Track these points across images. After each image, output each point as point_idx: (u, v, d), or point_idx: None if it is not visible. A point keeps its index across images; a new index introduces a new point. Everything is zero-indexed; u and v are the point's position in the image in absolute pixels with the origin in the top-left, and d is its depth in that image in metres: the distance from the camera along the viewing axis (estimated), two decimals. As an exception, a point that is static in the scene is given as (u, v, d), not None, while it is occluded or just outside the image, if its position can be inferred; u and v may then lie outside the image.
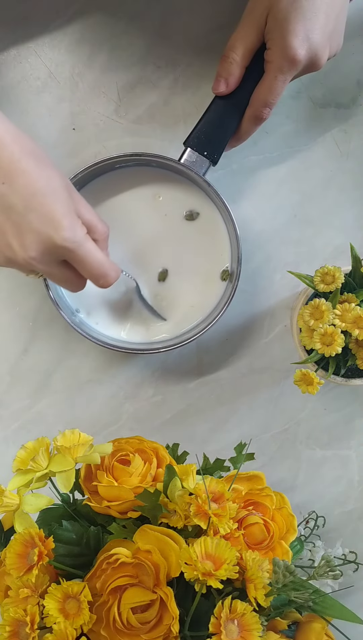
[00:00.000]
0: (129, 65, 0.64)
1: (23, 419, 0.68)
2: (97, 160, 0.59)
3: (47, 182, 0.49)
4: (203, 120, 0.59)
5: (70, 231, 0.49)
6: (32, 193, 0.49)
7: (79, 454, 0.47)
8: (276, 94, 0.56)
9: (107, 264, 0.53)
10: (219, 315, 0.61)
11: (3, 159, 0.48)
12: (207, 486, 0.44)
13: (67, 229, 0.49)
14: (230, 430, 0.69)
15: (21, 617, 0.42)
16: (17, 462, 0.47)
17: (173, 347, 0.61)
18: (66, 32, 0.63)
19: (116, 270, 0.54)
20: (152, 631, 0.43)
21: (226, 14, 0.63)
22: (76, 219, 0.50)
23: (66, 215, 0.49)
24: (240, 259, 0.60)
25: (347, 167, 0.66)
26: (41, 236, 0.49)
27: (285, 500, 0.51)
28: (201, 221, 0.63)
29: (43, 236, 0.49)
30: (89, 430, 0.49)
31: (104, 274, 0.53)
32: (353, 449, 0.69)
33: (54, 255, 0.50)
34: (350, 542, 0.68)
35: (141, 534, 0.45)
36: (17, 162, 0.48)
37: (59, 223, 0.49)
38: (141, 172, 0.62)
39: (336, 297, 0.52)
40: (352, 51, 0.65)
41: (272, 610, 0.46)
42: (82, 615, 0.41)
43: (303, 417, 0.69)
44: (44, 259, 0.50)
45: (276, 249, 0.67)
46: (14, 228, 0.49)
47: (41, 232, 0.49)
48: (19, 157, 0.49)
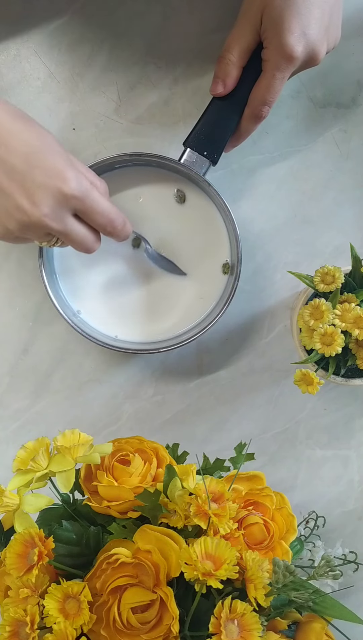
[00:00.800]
0: (129, 65, 0.64)
1: (23, 419, 0.68)
2: (97, 160, 0.59)
3: (42, 139, 0.50)
4: (202, 121, 0.59)
5: (76, 181, 0.50)
6: (30, 151, 0.49)
7: (79, 454, 0.47)
8: (274, 92, 0.56)
9: (115, 209, 0.54)
10: (220, 315, 0.61)
11: None
12: (207, 486, 0.44)
13: (73, 179, 0.50)
14: (230, 430, 0.69)
15: (21, 617, 0.42)
16: (17, 462, 0.47)
17: (173, 347, 0.61)
18: (66, 32, 0.63)
19: (121, 216, 0.55)
20: (152, 631, 0.43)
21: (226, 14, 0.63)
22: (78, 170, 0.51)
23: (68, 166, 0.50)
24: (240, 259, 0.60)
25: (347, 167, 0.66)
26: (50, 189, 0.49)
27: (285, 500, 0.51)
28: (201, 221, 0.63)
29: (52, 189, 0.49)
30: (89, 430, 0.49)
31: (114, 218, 0.54)
32: (353, 449, 0.69)
33: (65, 208, 0.51)
34: (350, 542, 0.68)
35: (141, 534, 0.45)
36: (8, 125, 0.49)
37: (64, 174, 0.49)
38: (141, 172, 0.62)
39: (336, 297, 0.52)
40: (352, 51, 0.65)
41: (272, 610, 0.46)
42: (82, 615, 0.41)
43: (303, 417, 0.69)
44: (56, 213, 0.50)
45: (276, 249, 0.67)
46: (20, 189, 0.49)
47: (49, 186, 0.49)
48: (7, 120, 0.49)
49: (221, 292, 0.63)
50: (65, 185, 0.49)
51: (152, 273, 0.64)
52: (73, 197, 0.50)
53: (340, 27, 0.57)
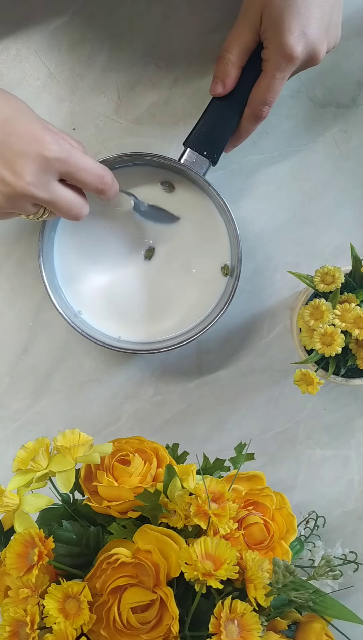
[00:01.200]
0: (129, 65, 0.64)
1: (23, 419, 0.68)
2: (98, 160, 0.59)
3: (13, 105, 0.49)
4: (202, 121, 0.59)
5: (56, 143, 0.49)
6: (3, 119, 0.48)
7: (79, 454, 0.47)
8: (274, 92, 0.56)
9: (99, 166, 0.53)
10: (220, 315, 0.61)
11: None
12: (207, 486, 0.44)
13: (52, 142, 0.48)
14: (230, 430, 0.69)
15: (21, 617, 0.42)
16: (17, 462, 0.47)
17: (173, 347, 0.61)
18: (66, 32, 0.63)
19: (108, 171, 0.53)
20: (152, 631, 0.43)
21: (226, 14, 0.63)
22: (55, 132, 0.50)
23: (45, 130, 0.49)
24: (240, 259, 0.60)
25: (347, 167, 0.66)
26: (31, 156, 0.48)
27: (285, 500, 0.51)
28: (201, 221, 0.63)
29: (32, 155, 0.48)
30: (89, 430, 0.49)
31: (102, 173, 0.52)
32: (353, 449, 0.69)
33: (50, 173, 0.49)
34: (350, 542, 0.68)
35: (141, 534, 0.45)
36: None
37: (43, 138, 0.48)
38: (141, 172, 0.62)
39: (336, 297, 0.52)
40: (352, 51, 0.65)
41: (272, 610, 0.46)
42: (82, 615, 0.41)
43: (303, 417, 0.69)
44: (41, 180, 0.49)
45: (276, 249, 0.67)
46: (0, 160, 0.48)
47: (29, 152, 0.48)
48: None
49: (221, 292, 0.63)
50: (45, 149, 0.48)
51: (153, 273, 0.64)
52: (56, 159, 0.49)
53: (340, 26, 0.57)
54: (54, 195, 0.50)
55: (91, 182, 0.52)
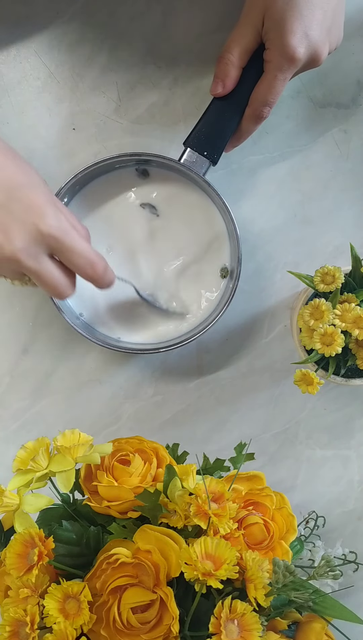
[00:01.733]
0: (129, 65, 0.64)
1: (23, 419, 0.68)
2: (97, 160, 0.59)
3: (27, 176, 0.50)
4: (203, 121, 0.59)
5: (55, 219, 0.49)
6: (13, 186, 0.49)
7: (79, 454, 0.47)
8: (276, 93, 0.56)
9: (94, 253, 0.52)
10: (220, 315, 0.61)
11: None
12: (207, 486, 0.44)
13: (51, 216, 0.49)
14: (230, 430, 0.69)
15: (21, 617, 0.42)
16: (17, 462, 0.47)
17: (173, 347, 0.61)
18: (66, 32, 0.63)
19: (102, 261, 0.53)
20: (152, 631, 0.43)
21: (226, 14, 0.63)
22: (58, 209, 0.50)
23: (49, 204, 0.49)
24: (240, 259, 0.60)
25: (347, 167, 0.66)
26: (26, 225, 0.48)
27: (285, 500, 0.51)
28: (201, 221, 0.63)
29: (28, 225, 0.48)
30: (89, 430, 0.49)
31: (93, 261, 0.51)
32: (353, 449, 0.69)
33: (41, 246, 0.49)
34: (350, 542, 0.68)
35: (141, 534, 0.45)
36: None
37: (43, 211, 0.49)
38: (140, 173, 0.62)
39: (336, 297, 0.52)
40: (352, 51, 0.65)
41: (272, 610, 0.46)
42: (82, 615, 0.41)
43: (303, 417, 0.69)
44: (31, 250, 0.49)
45: (276, 249, 0.67)
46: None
47: (26, 222, 0.48)
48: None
49: (221, 292, 0.63)
50: (42, 221, 0.48)
51: (151, 272, 0.64)
52: (50, 234, 0.49)
53: (342, 28, 0.57)
54: (40, 267, 0.50)
55: (81, 265, 0.51)
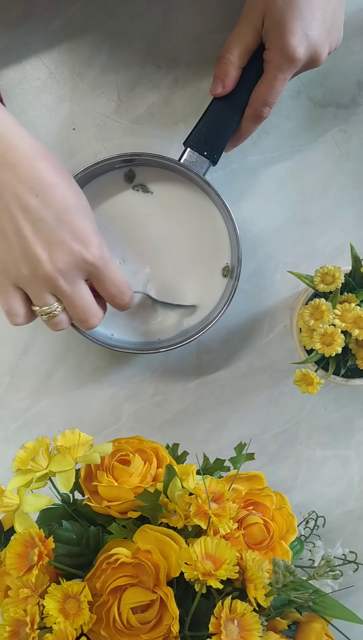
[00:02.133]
0: (129, 65, 0.64)
1: (23, 419, 0.68)
2: (97, 160, 0.59)
3: (78, 199, 0.51)
4: (203, 121, 0.59)
5: (99, 249, 0.51)
6: (64, 207, 0.49)
7: (79, 454, 0.47)
8: (276, 93, 0.56)
9: (126, 283, 0.55)
10: (220, 315, 0.61)
11: (36, 172, 0.48)
12: (207, 486, 0.44)
13: (97, 247, 0.51)
14: (230, 430, 0.69)
15: (21, 617, 0.42)
16: (17, 462, 0.47)
17: (173, 347, 0.61)
18: (66, 32, 0.63)
19: (131, 290, 0.56)
20: (152, 631, 0.43)
21: (226, 14, 0.63)
22: (101, 238, 0.52)
23: (95, 233, 0.51)
24: (240, 259, 0.60)
25: (347, 167, 0.66)
26: (72, 250, 0.49)
27: (285, 500, 0.51)
28: (201, 221, 0.63)
29: (74, 251, 0.49)
30: (89, 430, 0.49)
31: (125, 291, 0.55)
32: (353, 449, 0.69)
33: (81, 272, 0.51)
34: (350, 542, 0.68)
35: (141, 534, 0.45)
36: (50, 176, 0.49)
37: (90, 240, 0.50)
38: (140, 172, 0.62)
39: (336, 297, 0.52)
40: (352, 51, 0.65)
41: (272, 610, 0.46)
42: (82, 615, 0.41)
43: (303, 417, 0.69)
44: (70, 273, 0.50)
45: (276, 249, 0.67)
46: (43, 242, 0.49)
47: (73, 247, 0.49)
48: (52, 171, 0.49)
49: (221, 292, 0.63)
50: (88, 250, 0.50)
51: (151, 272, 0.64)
52: (93, 263, 0.51)
53: (342, 28, 0.57)
54: (75, 290, 0.52)
55: (112, 294, 0.54)
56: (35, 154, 0.49)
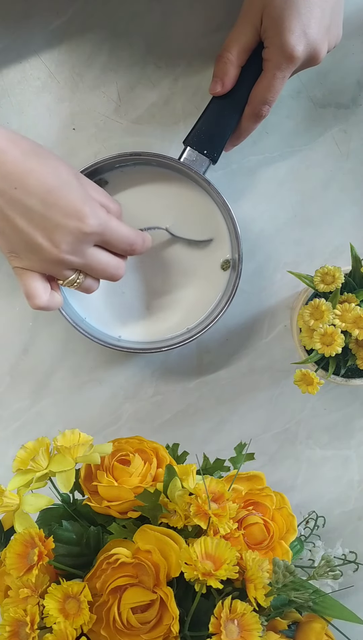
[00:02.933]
0: (129, 65, 0.64)
1: (23, 419, 0.68)
2: (97, 160, 0.59)
3: (56, 175, 0.50)
4: (202, 119, 0.59)
5: (94, 217, 0.51)
6: (46, 190, 0.49)
7: (79, 454, 0.47)
8: (275, 91, 0.56)
9: (133, 231, 0.55)
10: (220, 315, 0.61)
11: (8, 164, 0.48)
12: (207, 486, 0.44)
13: (90, 216, 0.51)
14: (230, 430, 0.69)
15: (21, 617, 0.42)
16: (17, 462, 0.47)
17: (174, 346, 0.61)
18: (66, 32, 0.63)
19: (139, 236, 0.56)
20: (152, 631, 0.43)
21: (226, 14, 0.63)
22: (94, 203, 0.52)
23: (85, 202, 0.51)
24: (241, 258, 0.60)
25: (347, 167, 0.66)
26: (69, 228, 0.50)
27: (285, 500, 0.51)
28: (201, 220, 0.63)
29: (70, 228, 0.50)
30: (89, 430, 0.49)
31: (133, 241, 0.55)
32: (353, 449, 0.69)
33: (86, 243, 0.52)
34: (350, 542, 0.68)
35: (141, 534, 0.45)
36: (21, 165, 0.49)
37: (82, 212, 0.50)
38: (140, 172, 0.62)
39: (336, 297, 0.52)
40: (352, 51, 0.65)
41: (272, 610, 0.46)
42: (82, 615, 0.41)
43: (303, 417, 0.69)
44: (77, 249, 0.51)
45: (276, 249, 0.67)
46: (39, 230, 0.50)
47: (68, 225, 0.50)
48: (22, 160, 0.49)
49: (222, 291, 0.63)
50: (84, 224, 0.50)
51: (152, 272, 0.64)
52: (93, 233, 0.51)
53: (341, 26, 0.57)
54: (88, 259, 0.53)
55: (123, 249, 0.55)
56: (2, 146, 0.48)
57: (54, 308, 0.54)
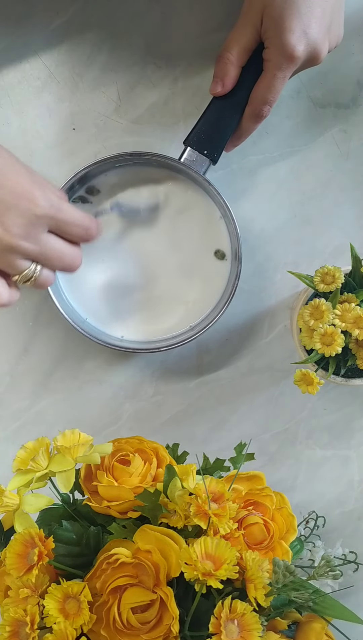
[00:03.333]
0: (129, 65, 0.64)
1: (23, 419, 0.68)
2: (98, 159, 0.59)
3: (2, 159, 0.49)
4: (203, 120, 0.59)
5: (45, 199, 0.48)
6: None
7: (79, 454, 0.47)
8: (275, 91, 0.56)
9: (86, 218, 0.52)
10: (220, 314, 0.61)
11: None
12: (207, 486, 0.44)
13: (41, 197, 0.48)
14: (230, 430, 0.69)
15: (21, 617, 0.42)
16: (17, 462, 0.47)
17: (174, 346, 0.61)
18: (66, 32, 0.63)
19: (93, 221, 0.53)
20: (152, 631, 0.43)
21: (226, 14, 0.63)
22: (44, 185, 0.50)
23: (34, 184, 0.49)
24: (240, 258, 0.60)
25: (347, 167, 0.66)
26: (20, 210, 0.48)
27: (285, 500, 0.51)
28: (201, 220, 0.63)
29: (22, 211, 0.48)
30: (89, 430, 0.49)
31: (88, 225, 0.52)
32: (353, 449, 0.69)
33: (39, 226, 0.49)
34: (350, 542, 0.68)
35: (141, 534, 0.45)
36: None
37: (32, 194, 0.48)
38: (140, 171, 0.62)
39: (336, 297, 0.52)
40: (352, 51, 0.65)
41: (272, 610, 0.46)
42: (82, 615, 0.41)
43: (303, 417, 0.69)
44: (30, 233, 0.48)
45: (276, 249, 0.67)
46: None
47: (18, 207, 0.47)
48: None
49: (222, 291, 0.63)
50: (34, 205, 0.48)
51: (153, 271, 0.64)
52: (45, 215, 0.49)
53: (342, 25, 0.57)
54: (43, 246, 0.50)
55: (77, 234, 0.52)
56: None
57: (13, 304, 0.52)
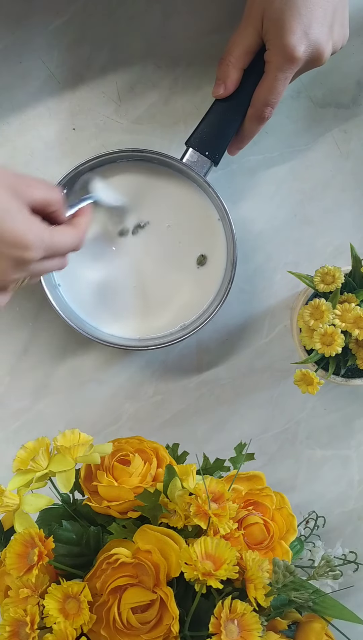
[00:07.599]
0: (129, 65, 0.64)
1: (23, 419, 0.68)
2: (99, 154, 0.59)
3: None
4: (205, 121, 0.59)
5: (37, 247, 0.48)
6: None
7: (79, 454, 0.47)
8: (277, 93, 0.56)
9: (76, 233, 0.52)
10: (216, 311, 0.60)
11: None
12: (207, 486, 0.44)
13: (34, 245, 0.47)
14: (230, 430, 0.69)
15: (21, 617, 0.42)
16: (17, 462, 0.47)
17: (171, 342, 0.61)
18: (66, 32, 0.63)
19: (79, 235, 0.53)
20: (152, 631, 0.43)
21: (227, 14, 0.63)
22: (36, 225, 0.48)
23: (27, 230, 0.47)
24: (234, 262, 0.60)
25: (347, 167, 0.66)
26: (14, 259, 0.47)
27: (285, 500, 0.51)
28: (199, 221, 0.63)
29: (15, 259, 0.47)
30: (89, 430, 0.49)
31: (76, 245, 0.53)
32: (353, 449, 0.69)
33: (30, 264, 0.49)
34: (350, 542, 0.68)
35: (141, 534, 0.45)
36: None
37: (25, 243, 0.47)
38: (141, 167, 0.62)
39: (336, 297, 0.52)
40: (352, 51, 0.65)
41: (272, 610, 0.46)
42: (82, 615, 0.41)
43: (303, 417, 0.69)
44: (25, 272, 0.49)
45: (276, 249, 0.67)
46: None
47: (11, 256, 0.47)
48: None
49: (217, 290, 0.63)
50: (27, 254, 0.47)
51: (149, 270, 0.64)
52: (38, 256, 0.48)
53: (347, 25, 0.57)
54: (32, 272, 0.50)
55: (73, 250, 0.53)
56: None
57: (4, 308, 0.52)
